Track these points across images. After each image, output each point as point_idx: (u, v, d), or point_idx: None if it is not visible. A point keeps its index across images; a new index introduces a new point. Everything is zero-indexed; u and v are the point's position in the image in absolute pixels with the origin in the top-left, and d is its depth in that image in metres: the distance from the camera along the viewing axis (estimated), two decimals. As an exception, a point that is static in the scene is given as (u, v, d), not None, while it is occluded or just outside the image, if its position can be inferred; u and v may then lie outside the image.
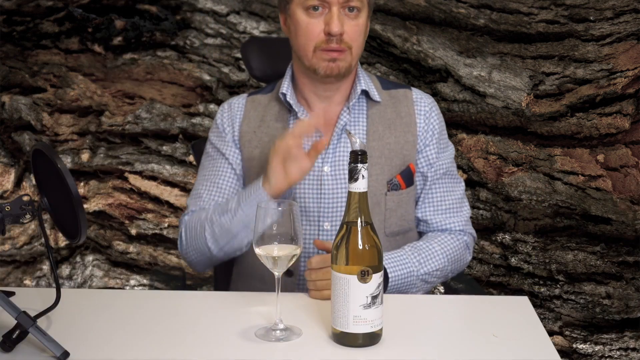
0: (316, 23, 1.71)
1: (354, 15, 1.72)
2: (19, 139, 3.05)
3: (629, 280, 2.79)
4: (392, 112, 1.82)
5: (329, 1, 1.69)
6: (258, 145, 1.81)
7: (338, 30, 1.69)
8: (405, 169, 1.81)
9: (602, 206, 2.78)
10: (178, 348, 1.36)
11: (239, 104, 1.87)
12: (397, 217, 1.81)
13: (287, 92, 1.80)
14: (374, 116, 1.81)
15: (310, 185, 1.78)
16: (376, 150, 1.79)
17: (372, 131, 1.80)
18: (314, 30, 1.71)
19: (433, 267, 1.76)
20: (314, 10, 1.71)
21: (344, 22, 1.70)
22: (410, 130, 1.82)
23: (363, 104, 1.82)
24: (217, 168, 1.84)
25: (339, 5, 1.70)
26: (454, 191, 1.88)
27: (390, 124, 1.81)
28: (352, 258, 1.33)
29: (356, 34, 1.73)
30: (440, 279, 1.80)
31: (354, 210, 1.35)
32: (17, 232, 3.04)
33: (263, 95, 1.87)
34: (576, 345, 2.82)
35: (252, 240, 1.40)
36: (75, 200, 1.28)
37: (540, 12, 2.79)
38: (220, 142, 1.85)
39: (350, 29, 1.71)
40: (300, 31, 1.73)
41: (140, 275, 3.05)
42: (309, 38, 1.72)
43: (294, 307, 1.53)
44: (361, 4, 1.72)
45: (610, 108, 2.77)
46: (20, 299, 1.46)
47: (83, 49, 3.01)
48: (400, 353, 1.35)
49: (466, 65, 2.85)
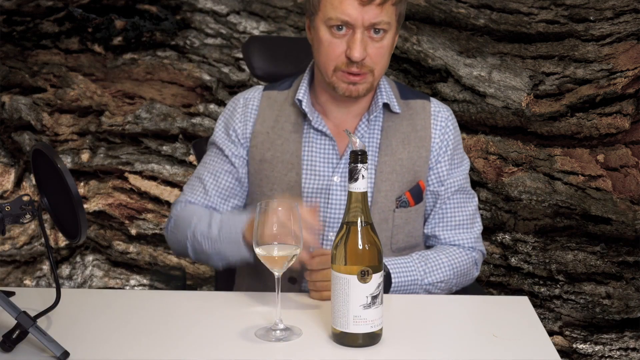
0: (338, 44, 1.64)
1: (379, 37, 1.64)
2: (19, 139, 3.05)
3: (629, 280, 2.79)
4: (408, 125, 1.77)
5: (353, 24, 1.61)
6: (270, 148, 1.77)
7: (359, 56, 1.61)
8: (415, 186, 1.77)
9: (602, 206, 2.78)
10: (178, 348, 1.36)
11: (254, 101, 1.82)
12: (404, 234, 1.78)
13: (304, 100, 1.75)
14: (389, 129, 1.76)
15: (318, 194, 1.75)
16: (388, 165, 1.74)
17: (384, 145, 1.75)
18: (335, 51, 1.64)
19: (438, 278, 1.73)
20: (338, 30, 1.63)
21: (368, 45, 1.63)
22: (424, 145, 1.77)
23: (380, 116, 1.77)
24: (219, 165, 1.82)
25: (364, 28, 1.62)
26: (466, 208, 1.83)
27: (405, 137, 1.76)
28: (352, 258, 1.33)
29: (379, 56, 1.65)
30: (444, 291, 1.76)
31: (354, 210, 1.35)
32: (17, 232, 3.04)
33: (279, 92, 1.81)
34: (576, 345, 2.82)
35: (254, 242, 1.40)
36: (75, 200, 1.28)
37: (540, 12, 2.79)
38: (227, 141, 1.82)
39: (374, 52, 1.64)
40: (322, 48, 1.66)
41: (140, 275, 3.05)
42: (330, 58, 1.65)
43: (294, 307, 1.53)
44: (388, 26, 1.64)
45: (610, 108, 2.77)
46: (20, 299, 1.46)
47: (83, 49, 3.01)
48: (400, 353, 1.35)
49: (466, 65, 2.85)
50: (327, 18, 1.63)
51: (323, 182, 1.75)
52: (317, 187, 1.75)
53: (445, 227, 1.82)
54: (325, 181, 1.75)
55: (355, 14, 1.60)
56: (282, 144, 1.77)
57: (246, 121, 1.80)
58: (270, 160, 1.77)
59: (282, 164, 1.76)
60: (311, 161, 1.76)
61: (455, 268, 1.76)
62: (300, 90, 1.76)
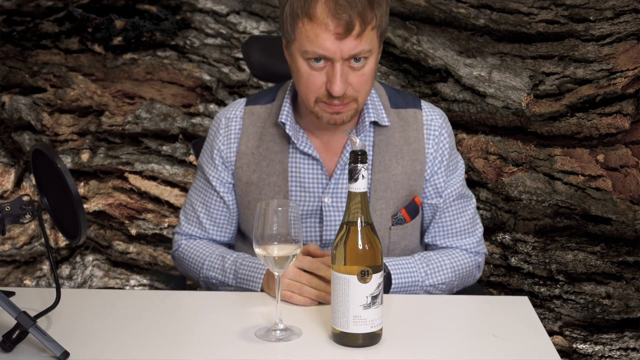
0: (317, 76, 1.55)
1: (360, 65, 1.55)
2: (19, 139, 3.05)
3: (629, 280, 2.79)
4: (401, 138, 1.71)
5: (331, 57, 1.52)
6: (256, 170, 1.72)
7: (340, 91, 1.53)
8: (411, 203, 1.73)
9: (602, 206, 2.78)
10: (178, 348, 1.36)
11: (236, 120, 1.75)
12: (400, 249, 1.76)
13: (287, 122, 1.67)
14: (380, 144, 1.69)
15: (310, 216, 1.72)
16: (382, 183, 1.69)
17: (377, 162, 1.69)
18: (315, 84, 1.56)
19: (439, 280, 1.70)
20: (316, 63, 1.54)
21: (349, 75, 1.54)
22: (418, 159, 1.71)
23: (370, 133, 1.70)
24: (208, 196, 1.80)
25: (343, 60, 1.53)
26: (465, 213, 1.79)
27: (398, 151, 1.70)
28: (352, 258, 1.33)
29: (362, 84, 1.57)
30: (445, 292, 1.74)
31: (354, 210, 1.35)
32: (17, 232, 3.04)
33: (262, 107, 1.74)
34: (576, 345, 2.82)
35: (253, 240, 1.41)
36: (75, 200, 1.28)
37: (540, 12, 2.79)
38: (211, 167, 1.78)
39: (356, 80, 1.55)
40: (301, 79, 1.58)
41: (140, 275, 3.05)
42: (310, 90, 1.57)
43: (294, 307, 1.53)
44: (369, 53, 1.54)
45: (610, 108, 2.77)
46: (20, 299, 1.46)
47: (83, 49, 3.01)
48: (400, 353, 1.35)
49: (466, 65, 2.85)
50: (304, 51, 1.54)
51: (314, 204, 1.71)
52: (308, 210, 1.72)
53: (446, 235, 1.79)
54: (315, 203, 1.71)
55: (332, 48, 1.51)
56: (268, 165, 1.71)
57: (229, 143, 1.74)
58: (256, 183, 1.72)
59: (269, 186, 1.72)
60: (299, 183, 1.71)
61: (457, 270, 1.74)
62: (283, 112, 1.68)
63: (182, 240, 1.84)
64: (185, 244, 1.83)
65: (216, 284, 1.74)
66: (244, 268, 1.66)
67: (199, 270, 1.77)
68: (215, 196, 1.79)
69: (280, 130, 1.71)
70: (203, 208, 1.81)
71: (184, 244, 1.83)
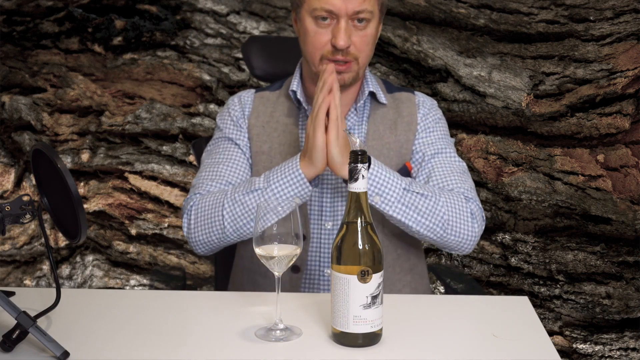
0: (323, 33, 1.70)
1: (362, 26, 1.70)
2: (19, 139, 3.05)
3: (629, 280, 2.79)
4: (395, 113, 1.83)
5: (337, 13, 1.68)
6: (267, 140, 1.81)
7: (344, 44, 1.68)
8: (402, 168, 1.80)
9: (602, 206, 2.78)
10: (178, 348, 1.36)
11: (247, 98, 1.88)
12: None
13: (297, 90, 1.80)
14: (376, 116, 1.82)
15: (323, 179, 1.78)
16: (375, 150, 1.79)
17: (372, 130, 1.80)
18: (321, 41, 1.71)
19: (420, 190, 1.68)
20: (322, 21, 1.69)
21: (352, 34, 1.69)
22: (410, 129, 1.82)
23: (368, 106, 1.83)
24: (231, 154, 1.82)
25: (347, 17, 1.68)
26: (452, 165, 1.79)
27: (392, 124, 1.82)
28: (352, 258, 1.33)
29: (363, 44, 1.72)
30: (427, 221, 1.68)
31: (354, 210, 1.35)
32: (17, 232, 3.04)
33: (271, 92, 1.87)
34: (576, 345, 2.82)
35: (253, 237, 1.41)
36: (75, 200, 1.28)
37: (540, 12, 2.79)
38: (235, 130, 1.84)
39: (358, 40, 1.70)
40: (307, 39, 1.73)
41: (140, 275, 3.05)
42: (316, 47, 1.71)
43: (294, 307, 1.53)
44: (371, 15, 1.71)
45: (610, 108, 2.77)
46: (20, 299, 1.46)
47: (83, 49, 3.01)
48: (400, 353, 1.35)
49: (466, 65, 2.85)
50: (312, 9, 1.69)
51: None
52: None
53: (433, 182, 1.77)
54: None
55: (339, 4, 1.66)
56: (279, 136, 1.80)
57: (243, 114, 1.85)
58: (267, 152, 1.80)
59: (281, 155, 1.79)
60: None
61: (444, 197, 1.70)
62: (294, 83, 1.82)
63: (197, 196, 1.78)
64: (201, 196, 1.76)
65: (244, 203, 1.67)
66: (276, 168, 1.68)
67: (222, 199, 1.70)
68: (241, 154, 1.82)
69: (289, 104, 1.83)
70: (226, 167, 1.79)
71: (199, 196, 1.77)
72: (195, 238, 1.75)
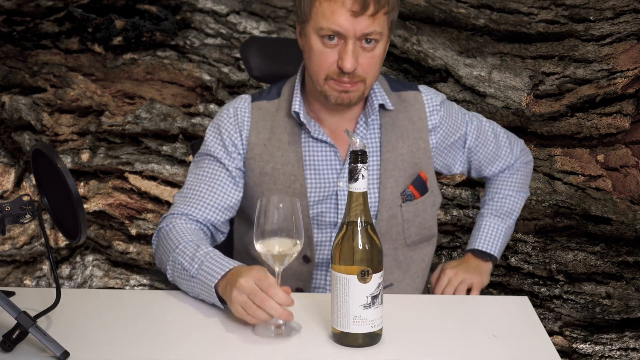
0: (330, 53, 1.62)
1: (370, 47, 1.62)
2: (19, 139, 3.06)
3: (629, 280, 2.79)
4: (404, 119, 1.78)
5: (345, 34, 1.59)
6: (270, 160, 1.74)
7: (351, 67, 1.60)
8: (417, 178, 1.78)
9: (602, 206, 2.78)
10: (178, 348, 1.36)
11: (244, 111, 1.77)
12: (415, 227, 1.79)
13: (300, 111, 1.72)
14: (387, 125, 1.76)
15: (326, 201, 1.74)
16: (390, 162, 1.75)
17: (385, 142, 1.76)
18: (327, 61, 1.63)
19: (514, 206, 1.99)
20: (329, 40, 1.61)
21: (359, 55, 1.61)
22: (421, 137, 1.79)
23: (376, 115, 1.77)
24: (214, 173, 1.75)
25: (355, 38, 1.60)
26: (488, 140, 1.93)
27: (403, 131, 1.77)
28: (352, 258, 1.33)
29: (371, 66, 1.64)
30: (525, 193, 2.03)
31: (354, 210, 1.35)
32: (17, 232, 3.04)
33: (268, 102, 1.78)
34: (576, 345, 2.82)
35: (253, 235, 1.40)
36: (75, 200, 1.28)
37: (540, 12, 2.79)
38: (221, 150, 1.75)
39: (366, 62, 1.63)
40: (313, 57, 1.65)
41: (140, 275, 3.05)
42: (321, 67, 1.64)
43: (294, 307, 1.53)
44: (380, 36, 1.62)
45: (610, 108, 2.77)
46: (20, 299, 1.46)
47: (83, 49, 3.01)
48: (400, 353, 1.35)
49: (466, 65, 2.85)
50: (319, 28, 1.61)
51: (329, 189, 1.75)
52: (323, 195, 1.75)
53: (486, 166, 1.96)
54: (331, 188, 1.75)
55: (347, 25, 1.58)
56: (282, 156, 1.74)
57: (240, 131, 1.76)
58: (271, 173, 1.74)
59: (284, 175, 1.74)
60: (315, 170, 1.75)
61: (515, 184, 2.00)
62: (295, 102, 1.73)
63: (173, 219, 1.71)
64: (174, 223, 1.69)
65: (180, 274, 1.57)
66: (213, 262, 1.52)
67: (171, 251, 1.62)
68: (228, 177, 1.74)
69: (291, 121, 1.75)
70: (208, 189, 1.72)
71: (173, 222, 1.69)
72: (155, 257, 1.72)
